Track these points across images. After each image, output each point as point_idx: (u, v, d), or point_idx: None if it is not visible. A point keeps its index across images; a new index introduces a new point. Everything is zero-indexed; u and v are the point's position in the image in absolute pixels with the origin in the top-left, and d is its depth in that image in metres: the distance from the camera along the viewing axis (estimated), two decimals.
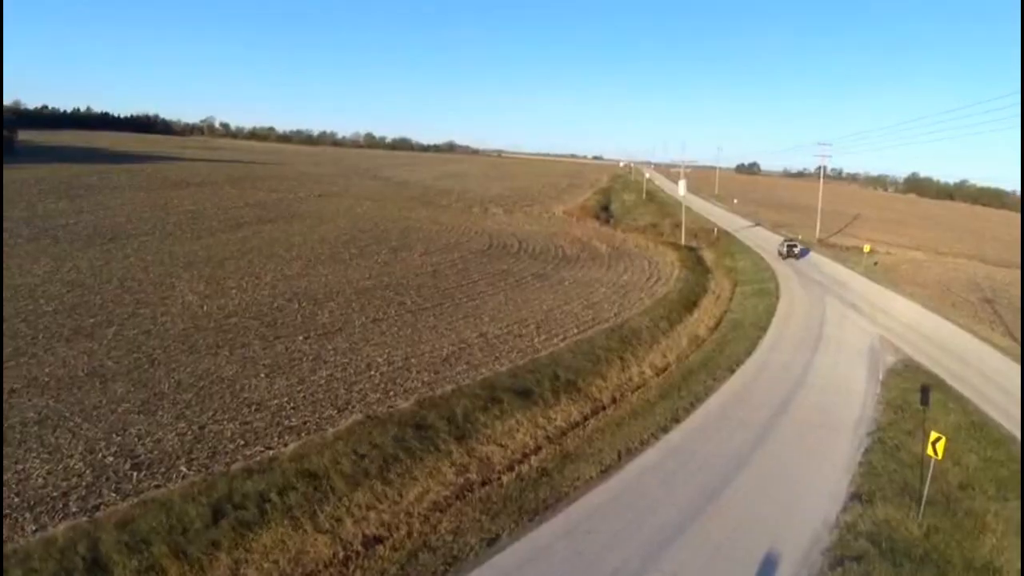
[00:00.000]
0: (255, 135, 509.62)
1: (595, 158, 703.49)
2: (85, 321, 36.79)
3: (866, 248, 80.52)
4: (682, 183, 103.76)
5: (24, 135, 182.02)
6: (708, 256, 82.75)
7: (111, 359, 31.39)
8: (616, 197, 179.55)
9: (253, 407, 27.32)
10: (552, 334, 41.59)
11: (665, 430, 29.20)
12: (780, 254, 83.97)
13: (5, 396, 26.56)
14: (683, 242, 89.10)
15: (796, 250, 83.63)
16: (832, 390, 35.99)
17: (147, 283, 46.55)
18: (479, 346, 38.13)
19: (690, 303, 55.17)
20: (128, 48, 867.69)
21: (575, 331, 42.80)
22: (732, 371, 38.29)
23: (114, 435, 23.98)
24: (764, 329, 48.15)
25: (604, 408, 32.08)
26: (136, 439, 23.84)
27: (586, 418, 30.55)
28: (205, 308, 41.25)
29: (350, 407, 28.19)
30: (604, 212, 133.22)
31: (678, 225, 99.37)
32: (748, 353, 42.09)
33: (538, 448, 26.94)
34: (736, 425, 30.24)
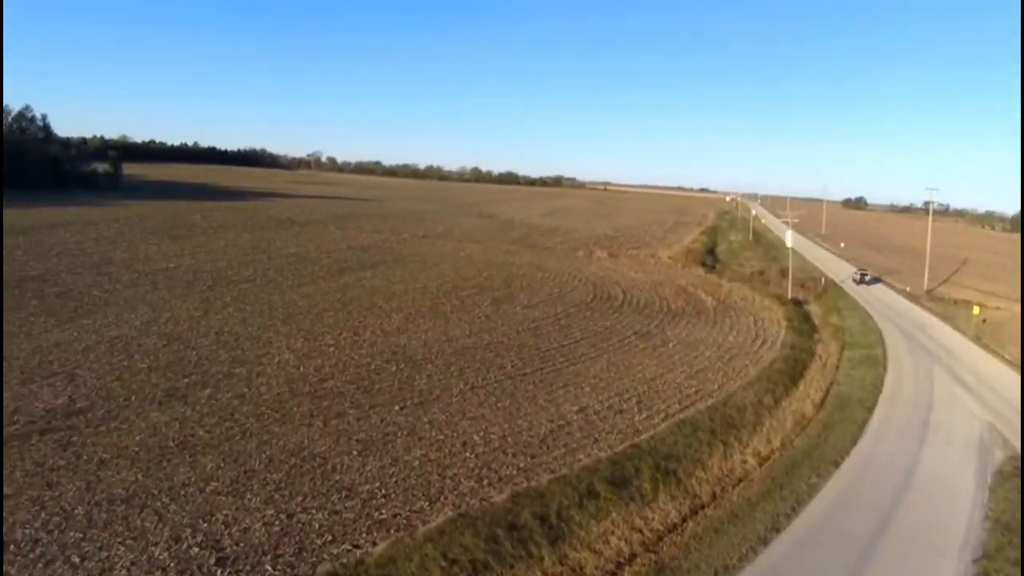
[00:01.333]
0: (362, 169, 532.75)
1: (702, 190, 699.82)
2: (179, 382, 38.24)
3: (975, 310, 79.60)
4: (789, 234, 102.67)
5: (131, 168, 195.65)
6: (815, 311, 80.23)
7: (203, 427, 32.30)
8: (723, 238, 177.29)
9: (344, 493, 27.28)
10: (654, 411, 40.19)
11: (765, 542, 27.44)
12: (854, 280, 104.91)
13: (95, 467, 27.72)
14: (790, 293, 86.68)
15: (867, 278, 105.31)
16: (939, 496, 33.13)
17: (244, 337, 48.16)
18: (578, 424, 37.18)
19: (796, 372, 53.02)
20: (238, 84, 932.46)
21: (677, 407, 41.29)
22: (837, 465, 36.12)
23: (201, 521, 24.36)
24: (871, 410, 45.83)
25: (704, 507, 30.41)
26: (223, 527, 24.12)
27: (684, 519, 29.00)
28: (301, 369, 42.15)
29: (443, 497, 27.72)
30: (710, 256, 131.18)
31: (785, 273, 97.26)
32: (854, 441, 39.83)
33: (633, 556, 25.69)
34: (837, 539, 28.22)
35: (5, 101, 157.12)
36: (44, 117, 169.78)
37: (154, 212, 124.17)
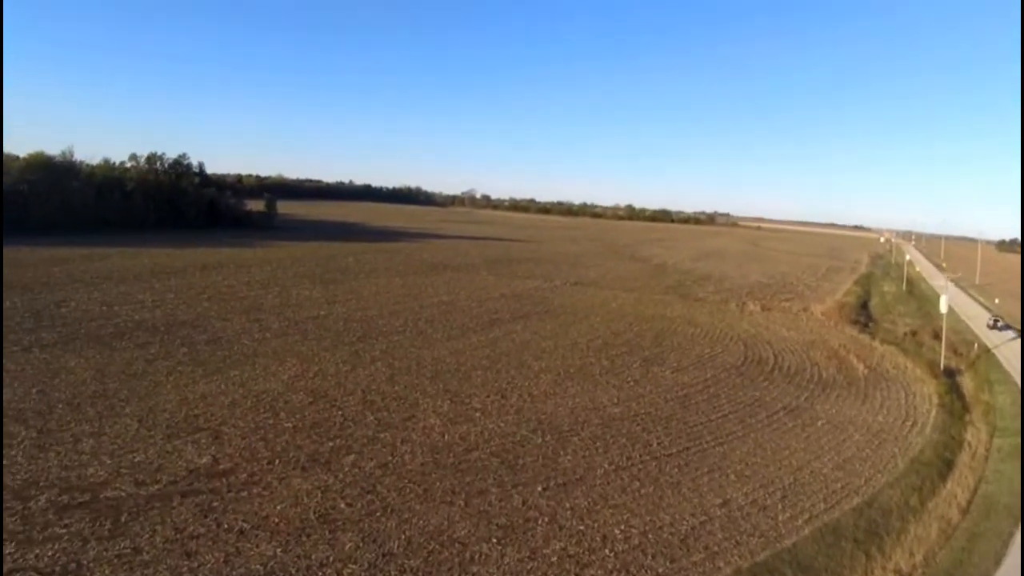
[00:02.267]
0: (516, 207, 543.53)
1: (856, 228, 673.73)
2: (324, 445, 39.20)
3: None
4: (944, 299, 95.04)
5: (286, 207, 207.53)
6: (967, 384, 73.59)
7: (344, 499, 32.75)
8: (876, 288, 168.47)
9: None
10: (798, 510, 37.42)
11: None
12: (988, 326, 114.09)
13: (235, 537, 28.60)
14: (942, 361, 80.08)
15: (999, 324, 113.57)
16: None
17: (391, 397, 49.01)
18: (721, 521, 35.01)
19: (944, 464, 48.54)
20: (395, 123, 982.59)
21: (823, 506, 38.38)
22: None
23: None
24: (1017, 521, 40.69)
25: None
26: None
27: None
28: (446, 437, 42.23)
29: None
30: (863, 311, 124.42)
31: (938, 335, 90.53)
32: (997, 561, 35.57)
33: None
34: None
35: (162, 150, 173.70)
36: (200, 165, 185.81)
37: (307, 254, 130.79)
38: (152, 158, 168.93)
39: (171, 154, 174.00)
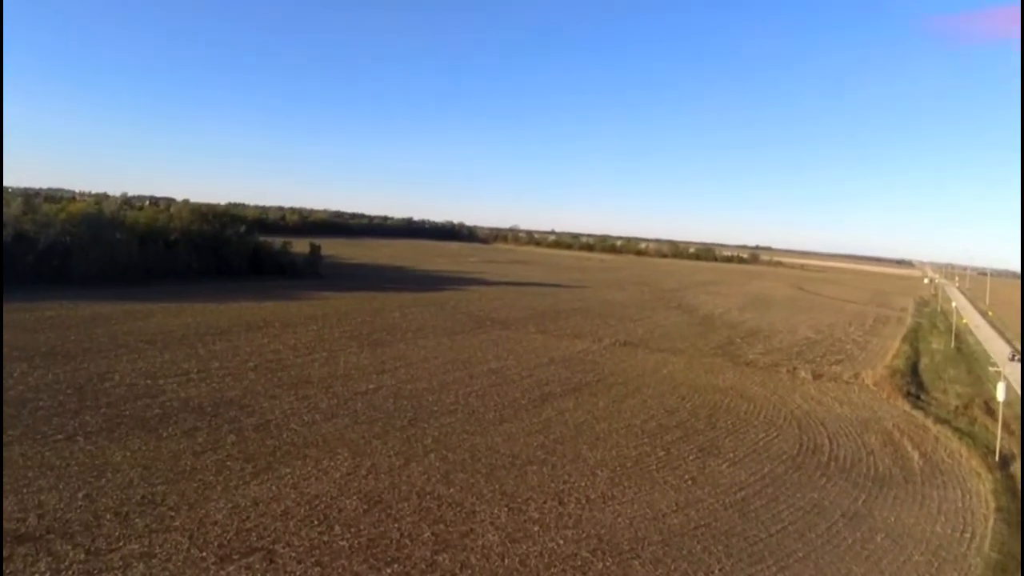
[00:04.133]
0: (559, 243, 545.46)
1: (899, 262, 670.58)
2: (382, 572, 37.89)
3: None
4: (1001, 386, 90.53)
5: (329, 245, 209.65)
6: None
7: None
8: (924, 344, 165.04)
9: None
10: None
11: None
12: (1010, 358, 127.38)
13: None
14: (998, 447, 77.06)
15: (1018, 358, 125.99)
16: None
17: (447, 502, 47.77)
18: None
19: None
20: (440, 159, 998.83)
21: None
22: None
23: None
24: None
25: None
26: None
27: None
28: (506, 561, 40.72)
29: None
30: (913, 377, 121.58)
31: (991, 410, 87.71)
32: None
33: None
34: None
35: (214, 199, 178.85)
36: (247, 221, 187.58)
37: (353, 308, 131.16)
38: (195, 209, 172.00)
39: (218, 198, 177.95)
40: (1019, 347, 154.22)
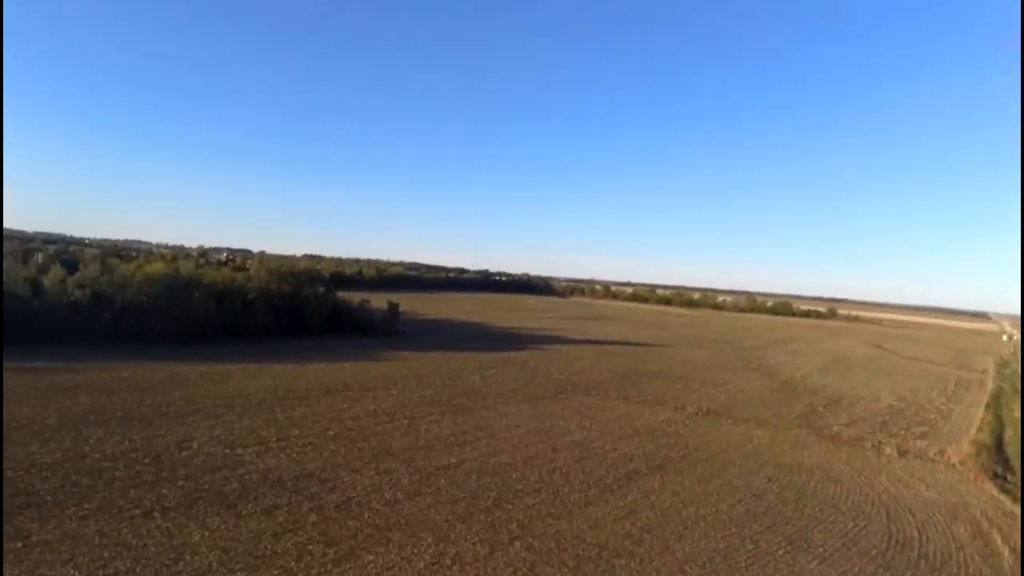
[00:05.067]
0: (636, 296, 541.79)
1: (975, 315, 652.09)
2: None
3: None
4: None
5: (406, 301, 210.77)
6: None
7: None
8: (1007, 412, 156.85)
9: None
10: None
11: None
12: None
13: None
14: None
15: None
16: None
17: None
18: None
19: None
20: (510, 217, 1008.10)
21: None
22: None
23: None
24: None
25: None
26: None
27: None
28: None
29: None
30: (999, 454, 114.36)
31: None
32: None
33: None
34: None
35: (290, 250, 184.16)
36: (324, 279, 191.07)
37: (431, 369, 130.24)
38: (272, 269, 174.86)
39: (294, 250, 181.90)
40: None
